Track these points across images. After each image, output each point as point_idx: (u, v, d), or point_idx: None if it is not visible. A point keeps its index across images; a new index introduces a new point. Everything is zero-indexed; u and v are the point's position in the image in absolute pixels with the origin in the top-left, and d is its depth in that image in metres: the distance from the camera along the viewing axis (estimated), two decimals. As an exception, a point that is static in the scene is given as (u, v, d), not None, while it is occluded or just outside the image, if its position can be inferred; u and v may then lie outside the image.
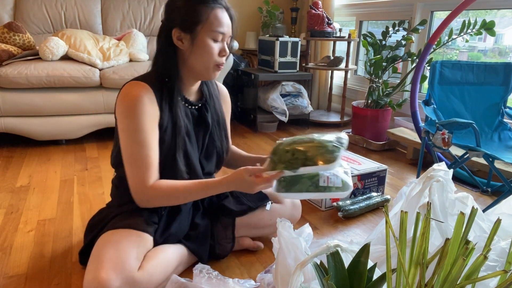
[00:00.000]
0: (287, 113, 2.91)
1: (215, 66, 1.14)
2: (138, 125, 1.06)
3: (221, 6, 1.11)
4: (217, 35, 1.10)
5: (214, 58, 1.12)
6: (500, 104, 1.91)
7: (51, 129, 2.39)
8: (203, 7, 1.08)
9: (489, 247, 0.64)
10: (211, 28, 1.09)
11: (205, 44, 1.10)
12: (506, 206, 0.96)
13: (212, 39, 1.10)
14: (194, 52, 1.11)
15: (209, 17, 1.08)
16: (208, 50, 1.10)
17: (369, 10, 3.18)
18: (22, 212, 1.60)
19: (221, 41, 1.12)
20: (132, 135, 1.07)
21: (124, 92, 1.09)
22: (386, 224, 0.66)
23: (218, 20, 1.09)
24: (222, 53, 1.13)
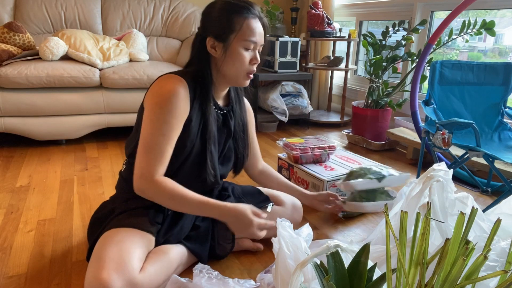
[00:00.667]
0: (287, 113, 2.91)
1: (246, 74, 1.18)
2: (168, 117, 1.09)
3: (254, 16, 1.14)
4: (249, 44, 1.14)
5: (245, 66, 1.16)
6: (500, 104, 1.91)
7: (51, 129, 2.39)
8: (237, 17, 1.12)
9: (489, 247, 0.64)
10: (243, 37, 1.13)
11: (237, 53, 1.14)
12: (506, 206, 0.96)
13: (244, 48, 1.14)
14: (227, 60, 1.15)
15: (242, 27, 1.12)
16: (240, 59, 1.14)
17: (369, 10, 3.18)
18: (22, 212, 1.60)
19: (253, 49, 1.16)
20: (159, 125, 1.09)
21: (162, 82, 1.12)
22: (386, 224, 0.66)
23: (250, 29, 1.13)
24: (253, 61, 1.17)
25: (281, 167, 1.96)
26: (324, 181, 1.66)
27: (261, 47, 1.19)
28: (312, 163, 1.86)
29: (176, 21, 3.14)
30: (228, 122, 1.28)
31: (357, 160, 1.91)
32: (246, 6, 1.14)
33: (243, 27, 1.12)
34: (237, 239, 1.32)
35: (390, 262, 0.65)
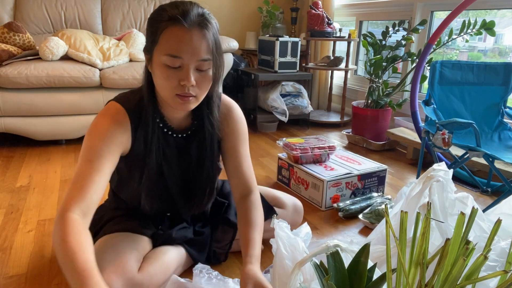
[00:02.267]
0: (287, 113, 2.91)
1: (175, 97, 0.94)
2: (96, 144, 0.94)
3: (179, 23, 0.89)
4: (170, 60, 0.90)
5: (171, 87, 0.92)
6: (500, 104, 1.91)
7: (51, 129, 2.39)
8: (157, 24, 0.91)
9: (489, 247, 0.64)
10: (162, 51, 0.90)
11: (159, 70, 0.92)
12: (506, 206, 0.96)
13: (165, 65, 0.91)
14: (154, 77, 0.96)
15: (160, 37, 0.90)
16: (161, 77, 0.92)
17: (369, 10, 3.18)
18: (22, 212, 1.60)
19: (182, 67, 0.91)
20: (86, 153, 0.94)
21: (100, 112, 1.01)
22: (386, 224, 0.66)
23: (170, 41, 0.89)
24: (182, 82, 0.91)
25: (281, 167, 1.96)
26: (324, 181, 1.66)
27: (205, 63, 0.92)
28: (312, 163, 1.86)
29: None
30: (189, 147, 1.12)
31: (357, 160, 1.91)
32: (173, 12, 0.90)
33: (162, 36, 0.90)
34: (237, 240, 1.32)
35: (390, 262, 0.65)
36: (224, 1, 3.60)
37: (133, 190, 1.11)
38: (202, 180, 1.14)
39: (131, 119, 1.00)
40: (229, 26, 3.66)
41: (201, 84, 0.95)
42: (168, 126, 1.07)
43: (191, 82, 0.91)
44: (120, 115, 0.99)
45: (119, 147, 0.98)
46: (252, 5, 3.70)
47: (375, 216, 1.56)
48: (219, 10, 3.57)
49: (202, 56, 0.91)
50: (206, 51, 0.92)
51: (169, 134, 1.08)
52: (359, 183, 1.77)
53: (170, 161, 1.10)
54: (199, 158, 1.13)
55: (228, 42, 2.69)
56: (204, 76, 0.94)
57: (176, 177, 1.13)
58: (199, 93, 0.96)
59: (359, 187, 1.78)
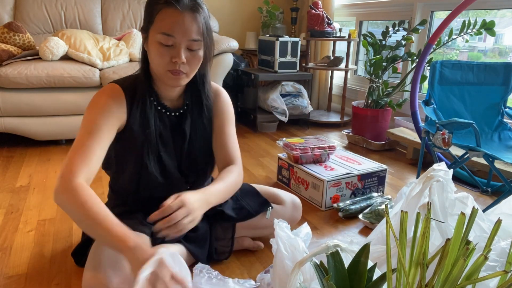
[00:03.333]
0: (287, 113, 2.91)
1: (167, 72, 1.03)
2: (95, 117, 1.02)
3: (173, 6, 0.98)
4: (164, 38, 0.99)
5: (163, 62, 1.01)
6: (500, 104, 1.91)
7: (51, 129, 2.39)
8: (154, 5, 1.01)
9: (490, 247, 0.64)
10: (157, 30, 1.00)
11: (153, 47, 1.02)
12: (506, 206, 0.96)
13: (159, 43, 1.00)
14: (149, 54, 1.05)
15: (155, 17, 1.00)
16: (155, 54, 1.02)
17: (369, 10, 3.18)
18: (22, 212, 1.60)
19: (174, 46, 1.00)
20: (86, 125, 1.02)
21: (99, 90, 1.09)
22: (387, 224, 0.66)
23: (164, 21, 0.99)
24: (174, 59, 1.01)
25: (281, 167, 1.96)
26: (324, 181, 1.66)
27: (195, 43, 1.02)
28: (312, 163, 1.86)
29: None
30: (183, 125, 1.17)
31: (357, 160, 1.91)
32: None
33: (157, 17, 0.99)
34: (237, 238, 1.32)
35: (390, 262, 0.65)
36: (224, 1, 3.60)
37: (130, 175, 1.12)
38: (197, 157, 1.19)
39: (126, 95, 1.08)
40: (229, 26, 3.66)
41: (192, 62, 1.04)
42: (162, 104, 1.13)
43: (182, 59, 1.00)
44: (115, 92, 1.07)
45: (116, 120, 1.05)
46: (252, 5, 3.70)
47: (375, 216, 1.56)
48: (219, 10, 3.57)
49: (192, 37, 1.00)
50: (197, 32, 1.01)
51: (162, 112, 1.14)
52: (359, 183, 1.77)
53: (165, 138, 1.14)
54: (193, 135, 1.18)
55: (228, 42, 2.69)
56: (194, 55, 1.03)
57: (170, 153, 1.16)
58: (189, 71, 1.05)
59: (359, 187, 1.78)
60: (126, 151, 1.11)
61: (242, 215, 1.28)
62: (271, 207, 1.32)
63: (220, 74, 2.73)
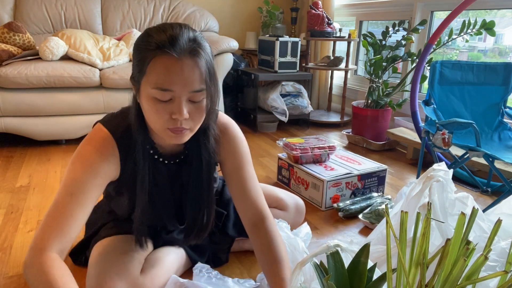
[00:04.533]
0: (287, 113, 2.91)
1: (166, 130, 0.86)
2: (80, 176, 0.88)
3: (168, 53, 0.80)
4: (159, 93, 0.81)
5: (161, 121, 0.84)
6: (500, 104, 1.91)
7: (51, 129, 2.39)
8: (143, 53, 0.82)
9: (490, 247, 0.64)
10: (151, 84, 0.82)
11: (147, 103, 0.84)
12: (506, 206, 0.96)
13: (154, 98, 0.82)
14: (143, 108, 0.88)
15: (147, 69, 0.81)
16: (151, 111, 0.84)
17: (369, 10, 3.18)
18: (22, 212, 1.60)
19: (173, 99, 0.83)
20: (69, 183, 0.88)
21: (87, 138, 0.94)
22: (387, 224, 0.66)
23: (159, 73, 0.80)
24: (174, 116, 0.83)
25: (281, 167, 1.96)
26: (324, 181, 1.66)
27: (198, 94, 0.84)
28: (312, 163, 1.86)
29: (176, 21, 3.14)
30: (181, 174, 1.05)
31: (357, 160, 1.91)
32: (160, 39, 0.80)
33: (149, 69, 0.81)
34: (238, 240, 1.32)
35: (390, 262, 0.65)
36: (224, 1, 3.60)
37: (123, 207, 1.06)
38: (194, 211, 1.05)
39: (120, 148, 0.93)
40: (229, 26, 3.66)
41: (195, 116, 0.87)
42: (159, 153, 1.00)
43: (184, 115, 0.83)
44: (107, 145, 0.92)
45: (104, 179, 0.92)
46: (252, 5, 3.70)
47: (375, 216, 1.56)
48: (219, 10, 3.57)
49: (194, 87, 0.83)
50: (199, 81, 0.83)
51: (159, 161, 1.01)
52: (359, 183, 1.77)
53: (162, 189, 1.04)
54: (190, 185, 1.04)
55: (228, 42, 2.69)
56: (198, 107, 0.86)
57: (167, 203, 1.07)
58: (193, 125, 0.89)
59: (359, 187, 1.78)
60: (117, 193, 1.04)
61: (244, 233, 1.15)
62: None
63: (220, 74, 2.74)
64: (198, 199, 1.04)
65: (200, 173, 1.02)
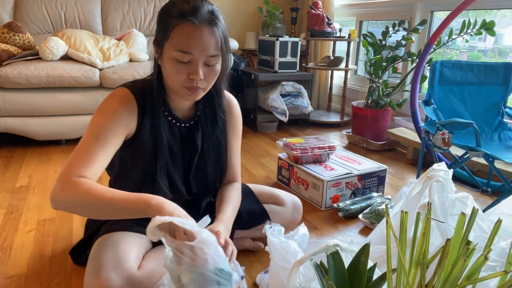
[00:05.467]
0: (287, 113, 2.91)
1: (184, 88, 0.99)
2: (104, 122, 0.98)
3: (191, 21, 0.93)
4: (180, 55, 0.94)
5: (180, 80, 0.97)
6: (500, 104, 1.91)
7: (51, 129, 2.39)
8: (170, 20, 0.95)
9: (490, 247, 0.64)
10: (174, 47, 0.94)
11: (169, 64, 0.97)
12: (506, 206, 0.96)
13: (176, 60, 0.95)
14: (163, 69, 1.01)
15: (171, 34, 0.94)
16: (171, 71, 0.97)
17: (369, 10, 3.18)
18: (22, 212, 1.60)
19: (191, 62, 0.96)
20: (93, 129, 0.97)
21: (111, 94, 1.04)
22: (387, 224, 0.66)
23: (181, 37, 0.93)
24: (192, 76, 0.97)
25: (281, 167, 1.96)
26: (324, 181, 1.66)
27: (213, 58, 0.98)
28: (312, 163, 1.86)
29: (176, 21, 3.14)
30: (194, 136, 1.14)
31: (357, 160, 1.91)
32: (184, 8, 0.94)
33: (173, 33, 0.94)
34: (238, 239, 1.32)
35: (390, 262, 0.65)
36: (224, 1, 3.60)
37: (134, 177, 1.11)
38: (207, 171, 1.16)
39: (138, 105, 1.04)
40: (229, 26, 3.65)
41: (209, 78, 1.00)
42: (173, 115, 1.10)
43: (200, 76, 0.96)
44: (128, 98, 1.03)
45: (124, 128, 1.02)
46: (252, 5, 3.70)
47: (375, 216, 1.56)
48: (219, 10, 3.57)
49: (211, 52, 0.96)
50: (215, 47, 0.96)
51: (173, 122, 1.11)
52: (359, 183, 1.77)
53: (174, 151, 1.12)
54: (205, 148, 1.15)
55: (228, 42, 2.69)
56: (212, 70, 1.00)
57: (178, 166, 1.13)
58: (206, 86, 1.02)
59: (359, 187, 1.78)
60: (133, 160, 1.08)
61: (238, 225, 1.24)
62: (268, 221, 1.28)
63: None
64: (209, 161, 1.15)
65: (216, 131, 1.15)
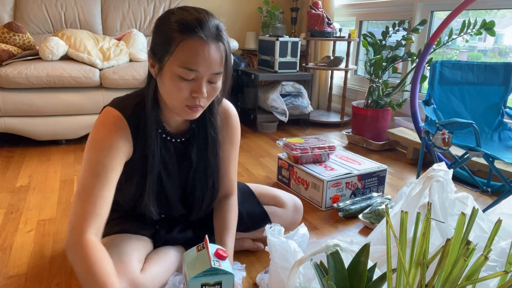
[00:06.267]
0: (287, 113, 2.91)
1: (185, 107, 0.94)
2: (100, 158, 0.92)
3: (198, 37, 0.87)
4: (185, 72, 0.88)
5: (182, 98, 0.91)
6: (500, 104, 1.91)
7: (51, 129, 2.39)
8: (174, 34, 0.88)
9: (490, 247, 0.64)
10: (178, 63, 0.88)
11: (170, 80, 0.90)
12: (506, 206, 0.96)
13: (179, 77, 0.89)
14: (162, 85, 0.94)
15: (176, 48, 0.87)
16: (173, 88, 0.90)
17: (369, 10, 3.18)
18: (22, 212, 1.60)
19: (196, 79, 0.91)
20: (91, 167, 0.92)
21: (98, 121, 0.97)
22: (387, 224, 0.66)
23: (188, 54, 0.87)
24: (195, 94, 0.91)
25: (281, 167, 1.96)
26: (324, 181, 1.66)
27: (217, 76, 0.93)
28: (312, 163, 1.86)
29: (176, 21, 3.14)
30: (189, 152, 1.11)
31: (357, 160, 1.91)
32: (190, 22, 0.87)
33: (178, 48, 0.87)
34: (238, 240, 1.32)
35: (390, 262, 0.65)
36: (224, 1, 3.60)
37: (129, 194, 1.09)
38: (202, 186, 1.13)
39: (130, 126, 0.98)
40: (229, 26, 3.65)
41: (210, 95, 0.96)
42: (166, 131, 1.06)
43: (204, 94, 0.92)
44: (119, 125, 0.96)
45: (123, 157, 0.98)
46: (252, 5, 3.70)
47: (375, 216, 1.56)
48: (219, 10, 3.57)
49: (216, 70, 0.92)
50: (220, 65, 0.92)
51: (167, 139, 1.07)
52: (359, 183, 1.77)
53: (169, 167, 1.09)
54: (200, 164, 1.11)
55: (228, 42, 2.69)
56: (214, 87, 0.95)
57: (175, 183, 1.11)
58: (206, 103, 0.98)
59: (359, 187, 1.78)
60: (128, 179, 1.05)
61: (239, 228, 1.23)
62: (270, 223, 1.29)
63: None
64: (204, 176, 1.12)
65: (206, 148, 1.10)
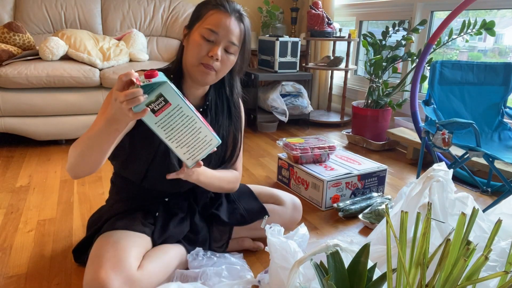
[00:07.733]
0: (287, 113, 2.91)
1: (200, 65, 1.07)
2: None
3: (225, 11, 1.08)
4: (208, 33, 1.05)
5: (200, 54, 1.06)
6: (500, 104, 1.91)
7: (51, 129, 2.39)
8: (206, 7, 1.10)
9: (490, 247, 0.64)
10: (204, 25, 1.07)
11: (195, 39, 1.07)
12: (506, 206, 0.96)
13: (202, 36, 1.06)
14: (187, 47, 1.10)
15: (205, 15, 1.08)
16: (195, 45, 1.07)
17: (369, 10, 3.18)
18: (22, 212, 1.60)
19: (214, 42, 1.07)
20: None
21: None
22: (387, 224, 0.66)
23: (213, 19, 1.07)
24: (211, 53, 1.06)
25: (281, 167, 1.96)
26: (324, 181, 1.66)
27: (232, 46, 1.09)
28: (312, 163, 1.86)
29: (176, 21, 3.14)
30: None
31: (357, 160, 1.91)
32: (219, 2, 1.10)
33: (207, 16, 1.08)
34: (237, 239, 1.32)
35: (390, 262, 0.65)
36: (224, 1, 3.59)
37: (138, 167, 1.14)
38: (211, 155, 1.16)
39: None
40: (229, 26, 3.65)
41: (224, 63, 1.09)
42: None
43: (218, 55, 1.06)
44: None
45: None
46: (252, 5, 3.70)
47: (375, 216, 1.56)
48: (219, 10, 3.57)
49: (232, 39, 1.08)
50: (237, 37, 1.09)
51: None
52: (359, 183, 1.77)
53: None
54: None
55: (228, 42, 2.69)
56: (228, 57, 1.09)
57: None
58: (219, 70, 1.10)
59: (359, 187, 1.78)
60: (143, 141, 1.12)
61: (237, 221, 1.28)
62: (267, 216, 1.31)
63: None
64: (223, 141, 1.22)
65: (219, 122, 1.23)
